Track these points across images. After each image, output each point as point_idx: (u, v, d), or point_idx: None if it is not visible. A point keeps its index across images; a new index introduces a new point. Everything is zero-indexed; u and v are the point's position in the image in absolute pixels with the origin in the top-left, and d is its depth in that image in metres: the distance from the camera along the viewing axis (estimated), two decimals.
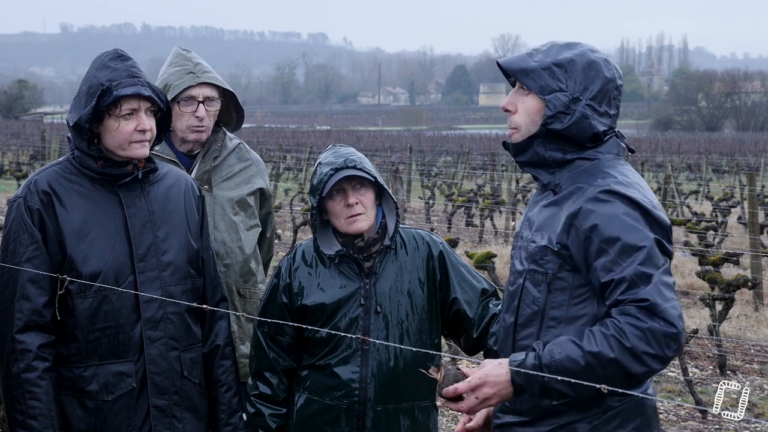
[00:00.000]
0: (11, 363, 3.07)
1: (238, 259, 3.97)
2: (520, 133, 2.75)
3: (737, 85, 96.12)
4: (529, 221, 2.77)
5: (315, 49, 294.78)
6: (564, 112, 2.67)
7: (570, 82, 2.68)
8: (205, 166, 3.95)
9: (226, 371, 3.36)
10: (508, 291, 2.79)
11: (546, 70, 2.69)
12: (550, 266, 2.65)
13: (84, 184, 3.17)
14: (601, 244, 2.54)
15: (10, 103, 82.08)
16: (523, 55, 2.75)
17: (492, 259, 8.73)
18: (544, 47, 2.75)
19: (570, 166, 2.72)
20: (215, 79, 3.91)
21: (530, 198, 2.94)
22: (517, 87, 2.77)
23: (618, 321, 2.48)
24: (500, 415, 2.79)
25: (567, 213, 2.62)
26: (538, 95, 2.69)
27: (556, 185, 2.72)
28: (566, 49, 2.72)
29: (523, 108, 2.73)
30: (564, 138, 2.70)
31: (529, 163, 2.76)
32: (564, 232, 2.62)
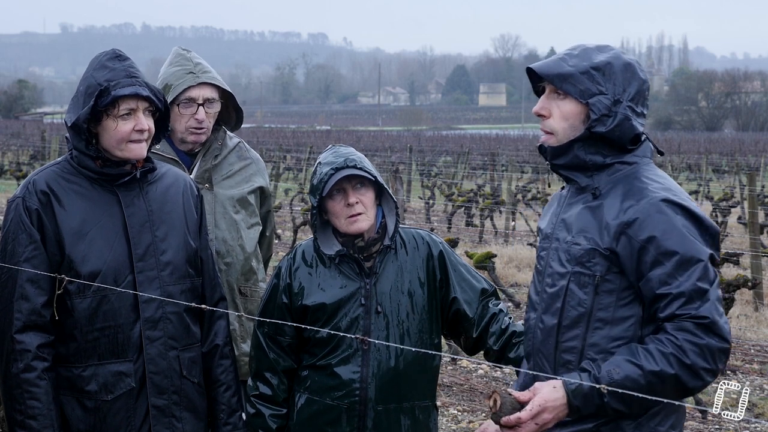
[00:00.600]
0: (10, 363, 3.07)
1: (239, 258, 3.96)
2: (556, 137, 2.76)
3: (737, 85, 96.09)
4: (565, 223, 2.77)
5: (315, 49, 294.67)
6: (607, 114, 2.68)
7: (609, 84, 2.69)
8: (205, 164, 3.95)
9: (225, 371, 3.35)
10: (546, 293, 2.78)
11: (584, 73, 2.70)
12: (598, 268, 2.66)
13: (82, 184, 3.17)
14: (658, 256, 2.57)
15: (10, 103, 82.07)
16: (557, 60, 2.75)
17: (492, 259, 8.74)
18: (575, 51, 2.75)
19: (609, 169, 2.74)
20: (215, 80, 3.90)
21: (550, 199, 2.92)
22: (549, 92, 2.77)
23: (676, 338, 2.51)
24: None
25: (619, 221, 2.63)
26: (578, 99, 2.70)
27: (595, 188, 2.73)
28: (600, 52, 2.74)
29: (559, 112, 2.74)
30: (605, 141, 2.71)
31: (566, 166, 2.77)
32: (614, 240, 2.63)
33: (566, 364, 2.71)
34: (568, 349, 2.70)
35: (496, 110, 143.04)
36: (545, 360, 2.77)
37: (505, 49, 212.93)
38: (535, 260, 2.91)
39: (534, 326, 2.82)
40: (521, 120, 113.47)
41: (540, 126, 2.81)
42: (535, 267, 2.91)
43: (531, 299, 2.89)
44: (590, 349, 2.67)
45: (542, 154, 2.84)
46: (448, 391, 7.59)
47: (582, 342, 2.68)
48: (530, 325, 2.85)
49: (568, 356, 2.71)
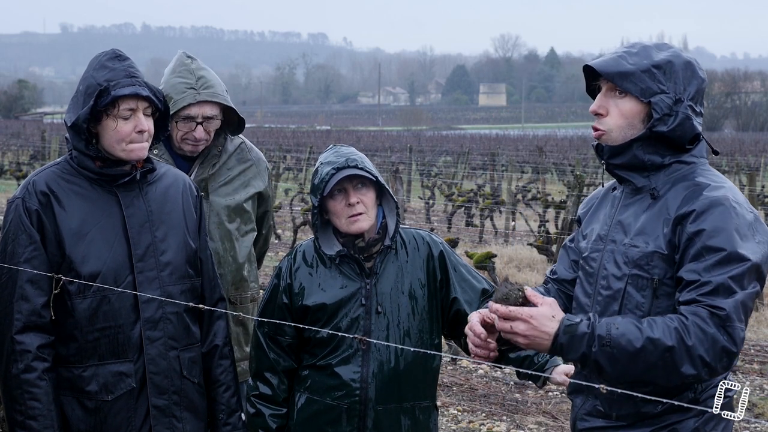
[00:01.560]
0: (10, 364, 3.07)
1: (231, 269, 3.97)
2: (611, 135, 2.72)
3: (737, 85, 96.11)
4: (622, 225, 2.72)
5: (315, 49, 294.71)
6: (668, 114, 2.65)
7: (670, 83, 2.66)
8: (202, 173, 3.93)
9: (224, 371, 3.35)
10: (600, 295, 2.73)
11: (645, 72, 2.66)
12: (657, 272, 2.63)
13: (82, 185, 3.17)
14: (702, 249, 2.53)
15: (10, 103, 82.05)
16: (616, 58, 2.70)
17: (492, 259, 8.74)
18: (635, 49, 2.71)
19: (667, 170, 2.70)
20: (216, 96, 3.84)
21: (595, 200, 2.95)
22: (606, 90, 2.73)
23: (685, 318, 2.47)
24: (588, 418, 2.76)
25: (677, 214, 2.60)
26: (639, 98, 2.66)
27: (653, 189, 2.70)
28: (659, 50, 2.70)
29: (618, 111, 2.70)
30: (664, 141, 2.68)
31: (624, 165, 2.72)
32: (672, 233, 2.60)
33: None
34: None
35: (496, 110, 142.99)
36: None
37: (505, 49, 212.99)
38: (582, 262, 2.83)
39: None
40: (521, 120, 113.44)
41: (594, 124, 2.76)
42: (581, 269, 2.84)
43: (579, 301, 2.82)
44: None
45: (598, 154, 2.78)
46: (448, 391, 7.59)
47: None
48: None
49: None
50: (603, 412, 2.74)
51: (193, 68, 3.88)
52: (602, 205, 2.89)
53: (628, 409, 2.69)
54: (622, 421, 2.70)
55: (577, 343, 2.47)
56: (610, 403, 2.72)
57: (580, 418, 2.80)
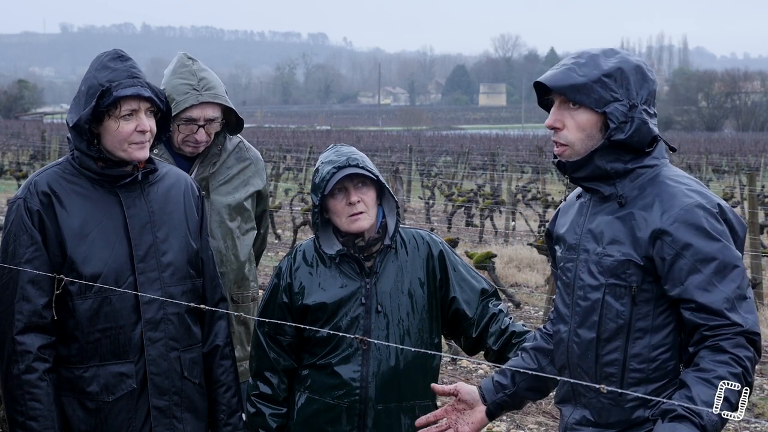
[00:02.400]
0: (11, 364, 3.07)
1: (233, 267, 3.97)
2: (573, 149, 2.71)
3: (737, 85, 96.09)
4: (593, 234, 2.71)
5: (315, 49, 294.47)
6: (624, 121, 2.64)
7: (622, 90, 2.64)
8: (203, 172, 3.93)
9: (225, 371, 3.35)
10: (579, 306, 2.72)
11: (597, 82, 2.64)
12: (634, 279, 2.62)
13: (84, 185, 3.17)
14: (695, 263, 2.53)
15: (10, 103, 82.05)
16: (565, 71, 2.68)
17: (492, 259, 8.74)
18: (582, 59, 2.68)
19: (631, 175, 2.69)
20: (217, 97, 3.84)
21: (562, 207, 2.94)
22: (559, 103, 2.71)
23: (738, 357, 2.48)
24: (577, 427, 2.75)
25: (654, 227, 2.59)
26: (593, 109, 2.65)
27: (620, 196, 2.68)
28: (608, 58, 2.68)
29: (574, 123, 2.68)
30: (624, 147, 2.66)
31: (588, 177, 2.71)
32: (650, 245, 2.59)
33: (609, 377, 2.66)
34: (609, 362, 2.65)
35: (496, 110, 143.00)
36: (585, 374, 2.71)
37: (505, 49, 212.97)
38: (559, 272, 2.82)
39: (568, 340, 2.76)
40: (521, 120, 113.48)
41: (553, 139, 2.74)
42: (557, 278, 2.84)
43: (559, 311, 2.82)
44: (633, 360, 2.63)
45: (560, 169, 2.77)
46: None
47: (623, 353, 2.63)
48: (562, 338, 2.78)
49: (611, 369, 2.66)
50: (593, 421, 2.72)
51: (195, 69, 3.88)
52: (568, 212, 2.87)
53: (619, 416, 2.68)
54: (612, 428, 2.69)
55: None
56: (600, 411, 2.70)
57: (569, 428, 2.78)
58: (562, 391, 2.83)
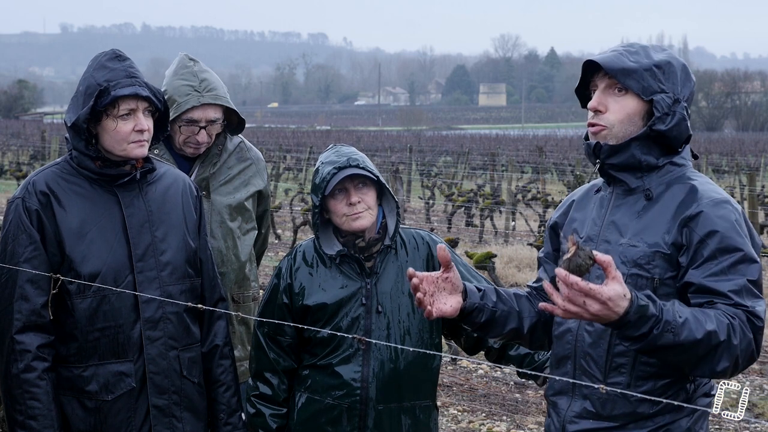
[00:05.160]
0: (10, 363, 3.07)
1: (234, 267, 3.97)
2: (611, 131, 2.69)
3: (737, 85, 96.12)
4: (615, 225, 2.71)
5: (315, 49, 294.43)
6: (667, 113, 2.66)
7: (669, 83, 2.67)
8: (203, 172, 3.93)
9: (225, 371, 3.35)
10: None
11: (647, 71, 2.66)
12: (657, 271, 2.62)
13: (82, 185, 3.17)
14: (716, 251, 2.54)
15: (10, 103, 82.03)
16: (616, 55, 2.69)
17: (492, 259, 8.73)
18: (633, 48, 2.71)
19: (659, 171, 2.70)
20: (219, 98, 3.84)
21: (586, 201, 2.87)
22: (605, 87, 2.70)
23: (733, 318, 2.47)
24: (577, 420, 2.73)
25: (683, 215, 2.60)
26: (640, 96, 2.66)
27: (647, 189, 2.69)
28: (657, 51, 2.71)
29: (618, 107, 2.68)
30: (659, 141, 2.68)
31: (619, 166, 2.71)
32: (678, 233, 2.60)
33: (619, 367, 2.65)
34: (621, 352, 2.64)
35: (496, 110, 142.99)
36: (593, 363, 2.69)
37: (505, 49, 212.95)
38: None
39: (577, 329, 2.73)
40: (521, 120, 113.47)
41: (592, 120, 2.72)
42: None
43: None
44: None
45: (594, 153, 2.74)
46: (448, 391, 7.59)
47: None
48: (569, 327, 2.76)
49: (622, 359, 2.65)
50: (594, 412, 2.70)
51: (196, 71, 3.88)
52: (584, 206, 2.86)
53: (623, 409, 2.66)
54: (614, 421, 2.67)
55: (643, 323, 2.41)
56: (603, 403, 2.69)
57: (569, 420, 2.75)
58: (558, 382, 2.81)
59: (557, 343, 2.82)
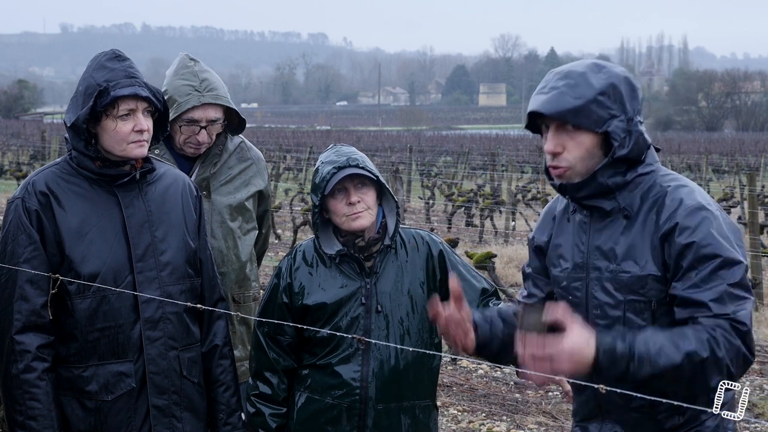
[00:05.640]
0: (10, 364, 3.07)
1: (234, 267, 3.97)
2: (574, 170, 2.66)
3: (737, 85, 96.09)
4: (601, 251, 2.68)
5: (315, 49, 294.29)
6: (624, 136, 2.62)
7: (617, 105, 2.62)
8: (204, 172, 3.93)
9: (224, 371, 3.36)
10: (597, 325, 2.63)
11: (593, 102, 2.60)
12: (653, 293, 2.60)
13: (82, 185, 3.17)
14: (694, 261, 2.52)
15: (10, 103, 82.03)
16: (557, 95, 2.62)
17: (492, 259, 8.73)
18: (571, 80, 2.63)
19: (630, 185, 2.67)
20: (219, 98, 3.84)
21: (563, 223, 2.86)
22: (556, 127, 2.65)
23: (713, 329, 2.45)
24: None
25: (661, 232, 2.58)
26: (594, 129, 2.61)
27: (623, 209, 2.66)
28: (595, 74, 2.64)
29: (575, 145, 2.63)
30: (623, 161, 2.65)
31: (589, 196, 2.68)
32: (661, 251, 2.58)
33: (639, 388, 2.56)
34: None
35: (496, 110, 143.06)
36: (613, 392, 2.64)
37: (505, 49, 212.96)
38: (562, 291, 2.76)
39: None
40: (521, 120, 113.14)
41: (552, 163, 2.68)
42: (561, 298, 2.77)
43: None
44: None
45: (561, 192, 2.72)
46: (448, 391, 7.59)
47: None
48: None
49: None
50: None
51: (197, 71, 3.88)
52: (564, 230, 2.82)
53: (652, 428, 2.65)
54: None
55: (617, 363, 2.41)
56: (633, 426, 2.67)
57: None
58: (585, 408, 2.78)
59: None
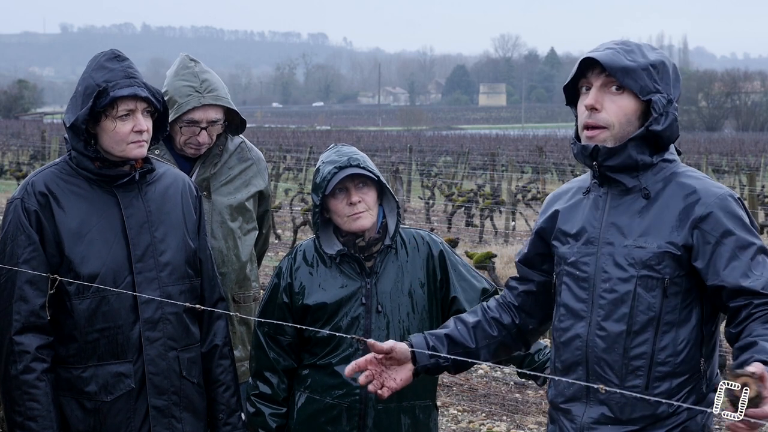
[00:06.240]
0: (9, 364, 3.06)
1: (234, 267, 3.97)
2: (611, 132, 2.67)
3: (737, 85, 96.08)
4: (616, 227, 2.69)
5: (315, 49, 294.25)
6: (662, 113, 2.65)
7: (663, 84, 2.66)
8: (204, 172, 3.92)
9: (224, 371, 3.35)
10: (603, 299, 2.67)
11: (645, 70, 2.64)
12: (668, 271, 2.61)
13: (81, 185, 3.16)
14: (736, 249, 2.55)
15: (10, 103, 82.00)
16: (613, 53, 2.66)
17: (492, 259, 8.74)
18: (628, 46, 2.67)
19: (653, 168, 2.69)
20: (220, 99, 3.83)
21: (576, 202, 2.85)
22: (601, 84, 2.67)
23: None
24: (596, 426, 2.71)
25: (692, 217, 2.60)
26: (637, 95, 2.64)
27: (644, 188, 2.68)
28: (651, 50, 2.70)
29: (616, 107, 2.66)
30: (655, 140, 2.67)
31: (615, 167, 2.68)
32: (689, 235, 2.60)
33: (635, 370, 2.64)
34: (638, 355, 2.63)
35: (496, 110, 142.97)
36: (608, 368, 2.67)
37: (505, 49, 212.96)
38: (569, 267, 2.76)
39: (587, 334, 2.70)
40: (521, 120, 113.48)
41: (588, 121, 2.68)
42: (567, 274, 2.77)
43: (570, 307, 2.75)
44: (660, 353, 2.62)
45: (590, 156, 2.70)
46: (448, 391, 7.59)
47: (652, 347, 2.62)
48: (578, 333, 2.72)
49: (638, 362, 2.63)
50: (613, 417, 2.68)
51: (197, 71, 3.87)
52: (575, 211, 2.82)
53: (643, 411, 2.65)
54: (634, 424, 2.65)
55: None
56: (622, 407, 2.66)
57: (586, 427, 2.72)
58: (570, 390, 2.77)
59: (564, 349, 2.78)
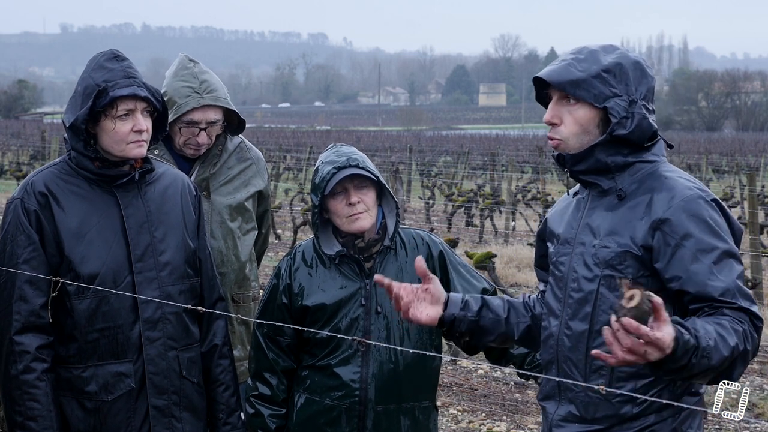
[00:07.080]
0: (10, 364, 3.06)
1: (234, 267, 3.97)
2: (567, 144, 2.70)
3: (737, 85, 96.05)
4: (590, 227, 2.70)
5: (315, 49, 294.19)
6: (625, 116, 2.64)
7: (621, 86, 2.65)
8: (203, 173, 3.92)
9: (224, 370, 3.35)
10: (571, 298, 2.70)
11: (596, 77, 2.64)
12: (630, 271, 2.61)
13: (81, 185, 3.16)
14: (697, 252, 2.53)
15: (10, 103, 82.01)
16: (564, 66, 2.68)
17: (492, 259, 8.73)
18: (582, 55, 2.69)
19: (630, 169, 2.69)
20: (219, 100, 3.83)
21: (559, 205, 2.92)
22: (558, 98, 2.71)
23: (742, 323, 2.45)
24: (563, 424, 2.72)
25: (654, 217, 2.59)
26: (592, 104, 2.65)
27: (619, 190, 2.69)
28: (607, 53, 2.69)
29: (572, 119, 2.68)
30: (625, 142, 2.67)
31: (588, 171, 2.71)
32: (649, 236, 2.59)
33: (598, 370, 2.64)
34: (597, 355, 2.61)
35: (496, 110, 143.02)
36: (573, 367, 2.69)
37: (505, 49, 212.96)
38: (552, 267, 2.81)
39: (558, 333, 2.74)
40: (521, 120, 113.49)
41: (549, 134, 2.74)
42: (551, 274, 2.82)
43: (550, 306, 2.80)
44: None
45: (560, 164, 2.76)
46: (448, 391, 7.59)
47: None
48: (552, 332, 2.77)
49: (600, 362, 2.59)
50: (579, 416, 2.69)
51: (196, 72, 3.87)
52: (566, 209, 2.86)
53: (606, 411, 2.65)
54: (599, 424, 2.66)
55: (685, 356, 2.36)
56: (587, 406, 2.68)
57: (555, 424, 2.75)
58: (546, 387, 2.80)
59: (543, 347, 2.82)
